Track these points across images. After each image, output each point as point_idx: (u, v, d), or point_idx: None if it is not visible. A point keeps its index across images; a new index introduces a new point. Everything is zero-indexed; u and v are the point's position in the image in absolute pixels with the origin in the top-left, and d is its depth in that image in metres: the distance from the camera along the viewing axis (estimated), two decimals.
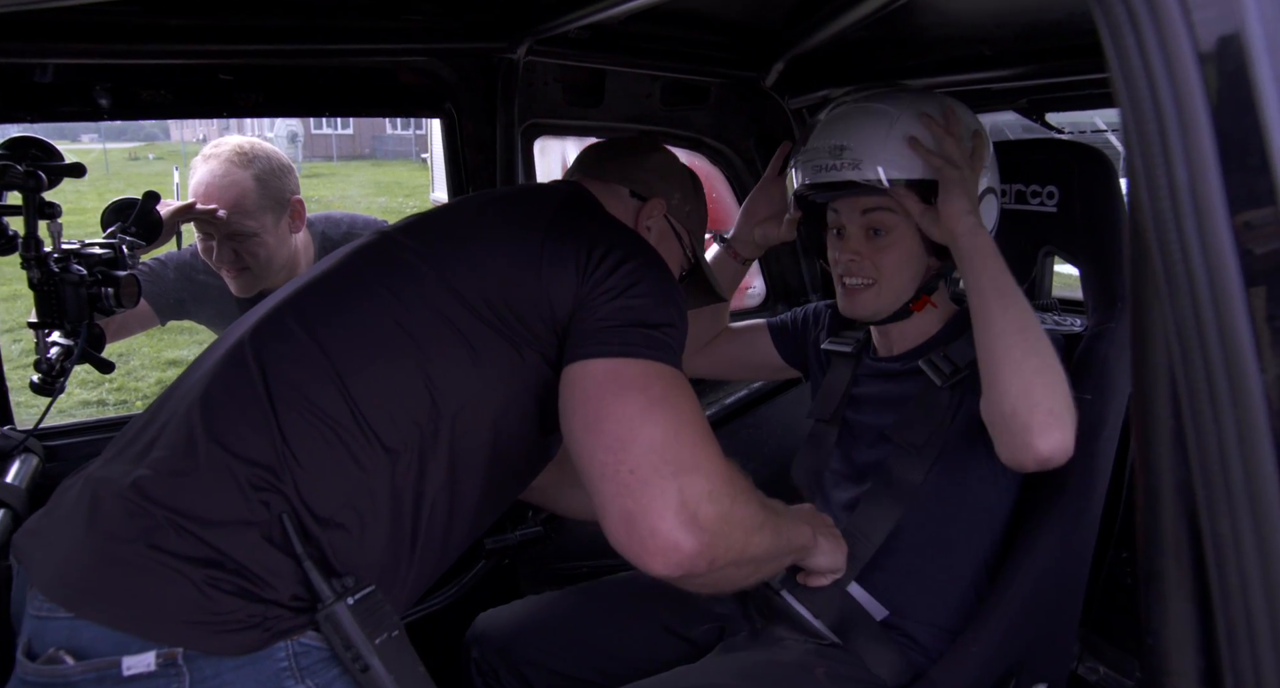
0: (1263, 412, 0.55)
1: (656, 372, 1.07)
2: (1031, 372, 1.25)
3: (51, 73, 1.64)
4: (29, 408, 1.94)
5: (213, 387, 1.08)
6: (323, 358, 1.08)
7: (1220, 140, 0.54)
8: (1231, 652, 0.58)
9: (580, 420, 1.05)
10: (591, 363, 1.07)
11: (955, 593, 1.47)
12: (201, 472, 1.01)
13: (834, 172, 1.43)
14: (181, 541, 0.97)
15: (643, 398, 1.04)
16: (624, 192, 1.40)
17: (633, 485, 1.00)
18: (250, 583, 0.97)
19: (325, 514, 1.02)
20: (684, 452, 1.03)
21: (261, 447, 1.02)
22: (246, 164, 1.93)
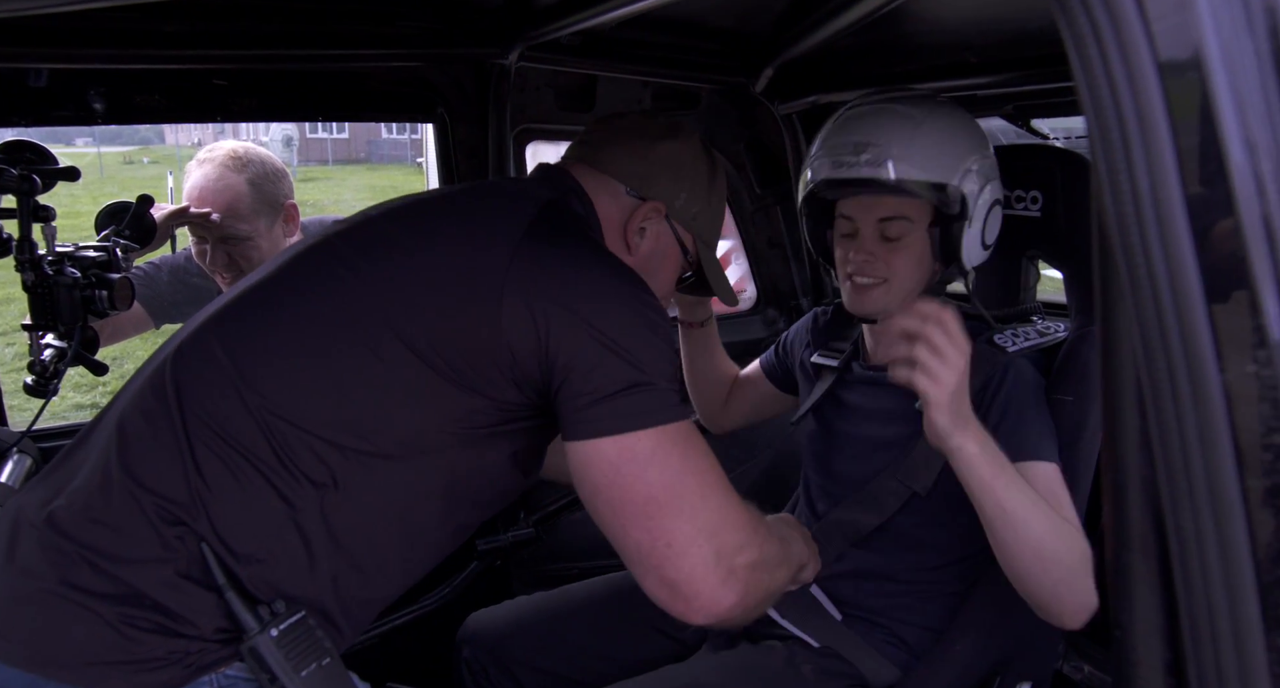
0: (1222, 411, 0.57)
1: (668, 437, 1.03)
2: (1058, 580, 1.22)
3: (46, 77, 1.65)
4: (21, 411, 1.95)
5: (131, 414, 1.05)
6: (242, 387, 1.02)
7: (1180, 149, 0.56)
8: (1194, 642, 0.60)
9: (605, 503, 1.04)
10: (600, 443, 1.02)
11: (941, 593, 1.49)
12: (114, 506, 0.97)
13: (853, 168, 1.39)
14: (96, 578, 0.94)
15: (661, 472, 1.02)
16: (620, 189, 1.28)
17: (671, 558, 1.02)
18: (169, 620, 0.94)
19: (244, 550, 0.98)
20: (713, 514, 1.04)
21: (174, 481, 0.98)
22: (241, 168, 1.94)
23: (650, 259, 1.31)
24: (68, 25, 1.48)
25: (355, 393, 1.03)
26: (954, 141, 1.41)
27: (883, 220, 1.44)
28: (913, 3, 1.41)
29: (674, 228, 1.32)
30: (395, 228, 1.17)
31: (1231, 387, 0.57)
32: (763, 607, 1.16)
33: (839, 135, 1.44)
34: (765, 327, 2.55)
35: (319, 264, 1.14)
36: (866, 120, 1.44)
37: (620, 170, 1.29)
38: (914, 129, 1.39)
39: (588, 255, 1.14)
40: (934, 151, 1.38)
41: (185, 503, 0.97)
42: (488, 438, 1.09)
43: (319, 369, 1.04)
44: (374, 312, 1.05)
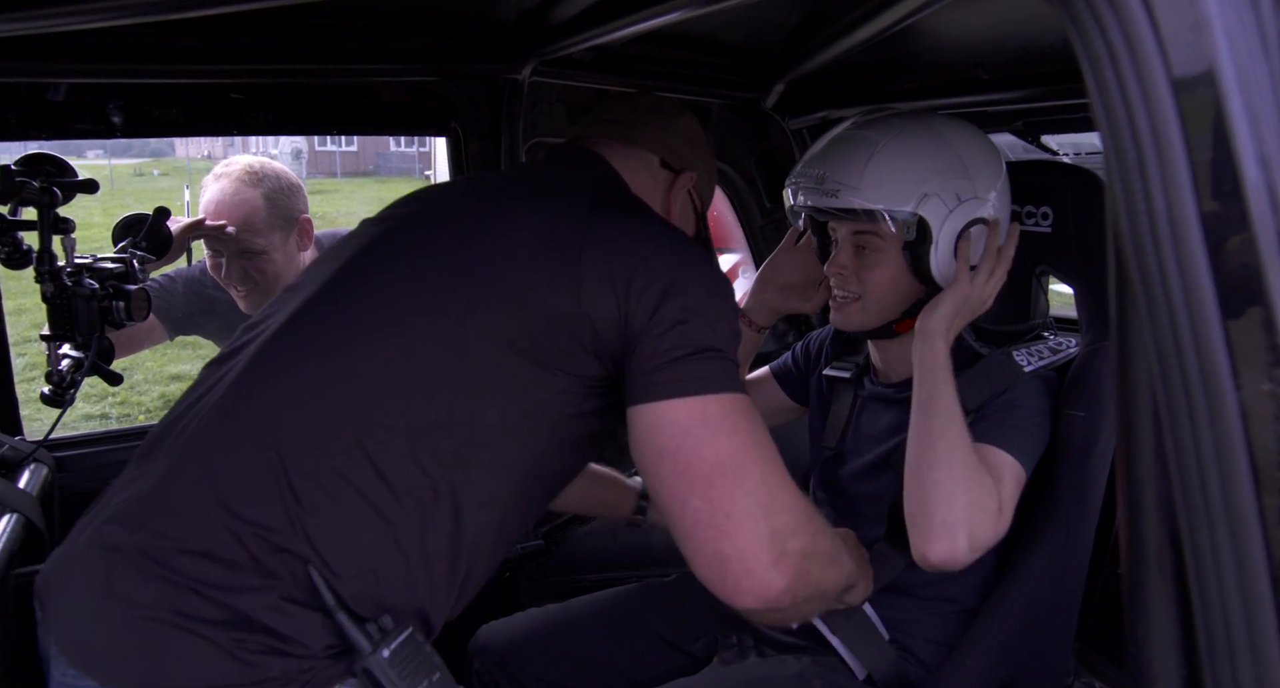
0: (1238, 428, 0.57)
1: (735, 405, 1.03)
2: (932, 483, 1.32)
3: (64, 91, 1.67)
4: (33, 421, 1.97)
5: (216, 441, 1.04)
6: (334, 409, 1.02)
7: (1195, 169, 0.57)
8: (1211, 659, 0.60)
9: (669, 467, 1.01)
10: (670, 405, 1.01)
11: (954, 609, 1.48)
12: (211, 537, 0.97)
13: (814, 197, 1.45)
14: (205, 605, 0.94)
15: (730, 440, 1.01)
16: (654, 161, 1.31)
17: (729, 530, 0.99)
18: (280, 642, 0.95)
19: (345, 570, 0.98)
20: (772, 490, 1.02)
21: (271, 508, 0.97)
22: (256, 183, 1.97)
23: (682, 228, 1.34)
24: (87, 40, 1.50)
25: (446, 392, 1.04)
26: (910, 168, 1.41)
27: (856, 234, 1.49)
28: (924, 20, 1.42)
29: (692, 198, 1.37)
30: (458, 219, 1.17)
31: (1247, 404, 0.57)
32: (810, 606, 1.13)
33: (807, 163, 1.50)
34: (775, 340, 2.56)
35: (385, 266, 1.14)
36: (830, 149, 1.48)
37: (653, 142, 1.32)
38: (868, 157, 1.42)
39: (655, 225, 1.18)
40: (886, 179, 1.40)
41: (284, 529, 0.97)
42: (573, 418, 1.10)
43: (409, 376, 1.04)
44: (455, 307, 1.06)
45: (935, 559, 1.31)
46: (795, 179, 1.51)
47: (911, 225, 1.41)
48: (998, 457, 1.38)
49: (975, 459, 1.34)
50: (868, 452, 1.59)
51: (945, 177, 1.42)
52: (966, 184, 1.43)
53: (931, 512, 1.31)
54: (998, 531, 1.33)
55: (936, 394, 1.37)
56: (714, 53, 2.01)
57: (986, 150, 1.49)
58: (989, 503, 1.32)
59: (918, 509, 1.33)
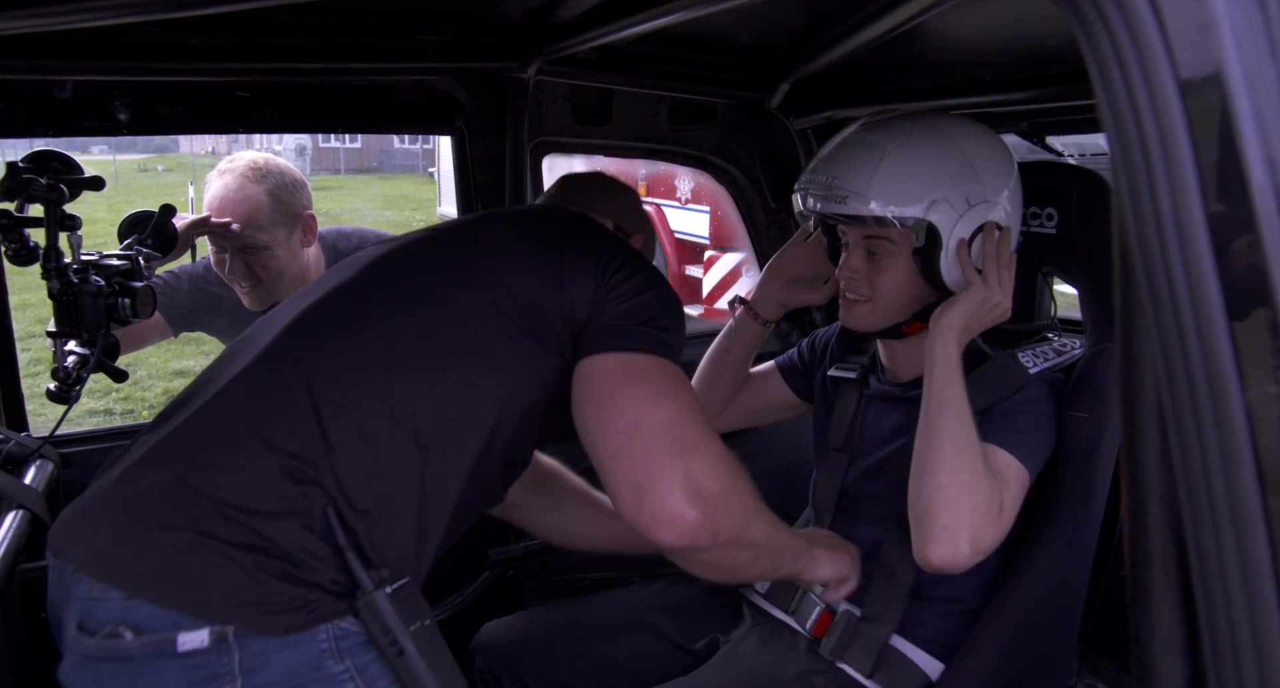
0: (1244, 430, 0.57)
1: (661, 366, 1.18)
2: (937, 485, 1.32)
3: (71, 89, 1.68)
4: (38, 416, 1.97)
5: (250, 387, 1.15)
6: (361, 359, 1.16)
7: (1202, 170, 0.57)
8: (1215, 661, 0.60)
9: (595, 406, 1.16)
10: (606, 357, 1.18)
11: (956, 609, 1.48)
12: (245, 466, 1.07)
13: (824, 203, 1.46)
14: (230, 528, 1.03)
15: (651, 387, 1.16)
16: (610, 225, 1.46)
17: (643, 462, 1.11)
18: (294, 568, 1.03)
19: (362, 505, 1.07)
20: (687, 433, 1.14)
21: (303, 441, 1.08)
22: (260, 179, 1.97)
23: None
24: (93, 38, 1.50)
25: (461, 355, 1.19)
26: (919, 173, 1.41)
27: (867, 239, 1.49)
28: (929, 21, 1.42)
29: None
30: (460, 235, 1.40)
31: (1253, 406, 0.57)
32: (740, 554, 1.21)
33: (816, 169, 1.50)
34: (779, 339, 2.56)
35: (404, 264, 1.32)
36: (838, 154, 1.48)
37: (610, 211, 1.49)
38: (876, 164, 1.42)
39: (620, 241, 1.37)
40: (895, 185, 1.41)
41: (314, 460, 1.07)
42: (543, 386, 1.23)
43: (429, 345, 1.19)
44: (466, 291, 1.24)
45: (936, 562, 1.32)
46: (804, 185, 1.51)
47: (921, 232, 1.42)
48: (1003, 459, 1.38)
49: (981, 462, 1.34)
50: (872, 452, 1.59)
51: (954, 181, 1.42)
52: (976, 188, 1.43)
53: (935, 515, 1.31)
54: (999, 534, 1.34)
55: (949, 395, 1.37)
56: (719, 52, 2.01)
57: (997, 151, 1.49)
58: (991, 508, 1.33)
59: (922, 511, 1.33)
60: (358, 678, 1.06)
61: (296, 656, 1.03)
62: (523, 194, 2.04)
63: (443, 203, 11.57)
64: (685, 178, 8.18)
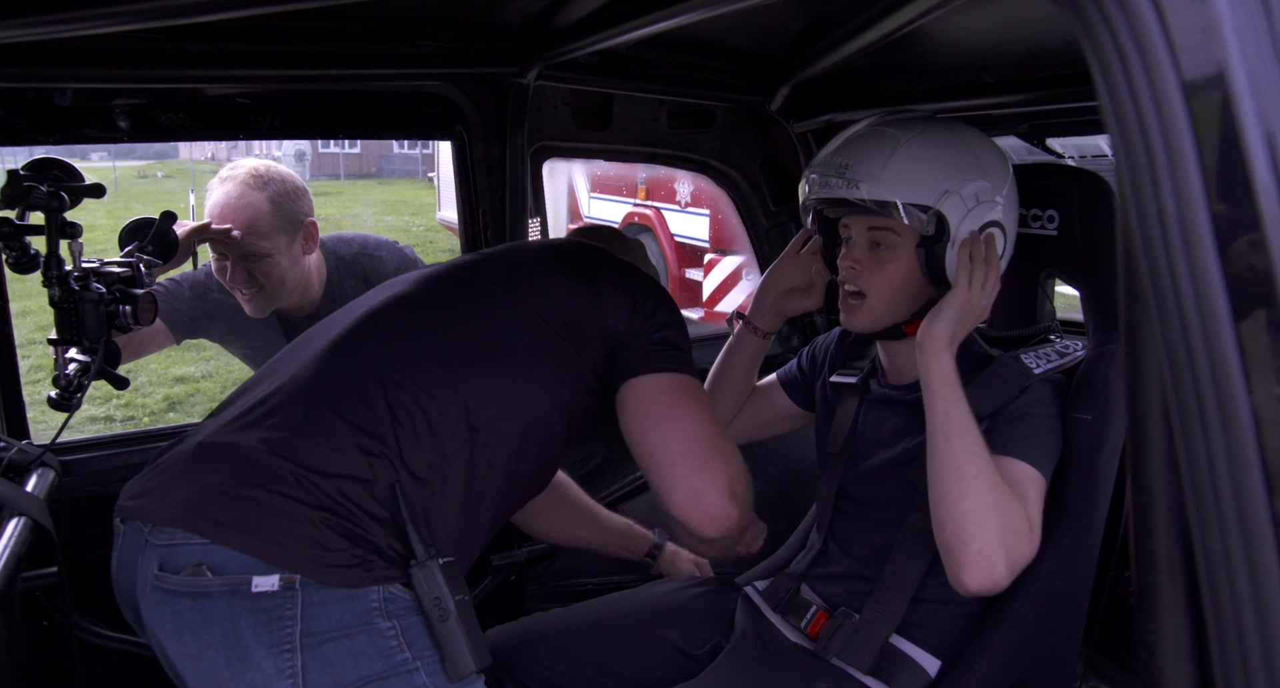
0: (1250, 431, 0.57)
1: (695, 383, 1.40)
2: (964, 511, 1.31)
3: (71, 96, 1.68)
4: (39, 424, 1.97)
5: (323, 372, 1.28)
6: (425, 356, 1.30)
7: (1206, 172, 0.56)
8: (1224, 665, 0.59)
9: (652, 419, 1.35)
10: (654, 377, 1.36)
11: (959, 611, 1.48)
12: (322, 435, 1.20)
13: (835, 189, 1.45)
14: (303, 489, 1.16)
15: (694, 402, 1.38)
16: None
17: (697, 467, 1.32)
18: (357, 527, 1.16)
19: (422, 474, 1.21)
20: (724, 443, 1.37)
21: (374, 417, 1.21)
22: (261, 187, 1.97)
23: None
24: (94, 46, 1.50)
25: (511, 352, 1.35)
26: (932, 165, 1.42)
27: (872, 230, 1.49)
28: (929, 24, 1.42)
29: None
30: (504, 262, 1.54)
31: (1260, 407, 0.57)
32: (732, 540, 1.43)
33: (828, 154, 1.50)
34: (780, 343, 2.56)
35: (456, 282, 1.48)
36: (854, 142, 1.49)
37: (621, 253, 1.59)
38: (891, 151, 1.43)
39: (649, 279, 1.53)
40: (908, 174, 1.41)
41: (382, 435, 1.20)
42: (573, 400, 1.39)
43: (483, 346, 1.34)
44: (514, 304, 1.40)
45: (975, 588, 1.30)
46: (815, 169, 1.51)
47: (930, 221, 1.42)
48: (1019, 470, 1.37)
49: (1001, 480, 1.32)
50: (874, 455, 1.59)
51: (965, 176, 1.43)
52: (986, 186, 1.45)
53: (966, 541, 1.30)
54: (1032, 549, 1.33)
55: (953, 414, 1.35)
56: (719, 56, 2.01)
57: (999, 154, 1.50)
58: (1021, 525, 1.31)
59: (951, 539, 1.31)
60: (401, 637, 1.17)
61: (350, 610, 1.15)
62: (522, 199, 2.04)
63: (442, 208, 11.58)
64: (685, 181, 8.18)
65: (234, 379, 6.96)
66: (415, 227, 16.17)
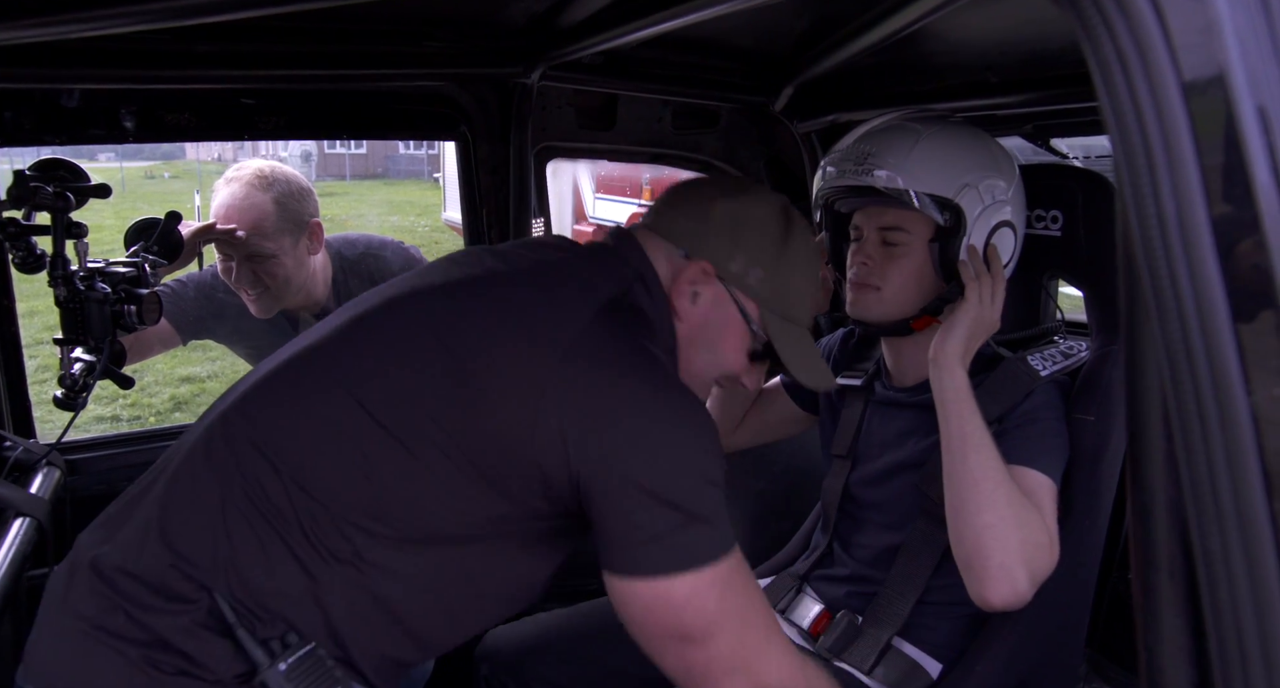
0: (1250, 432, 0.57)
1: (702, 582, 1.00)
2: (983, 525, 1.29)
3: (78, 97, 1.69)
4: (45, 423, 1.98)
5: (179, 476, 1.08)
6: (277, 460, 1.03)
7: (1206, 173, 0.56)
8: (1223, 664, 0.59)
9: (640, 632, 1.05)
10: (634, 583, 1.01)
11: (962, 612, 1.48)
12: (145, 562, 1.02)
13: (854, 176, 1.45)
14: (128, 624, 0.99)
15: (697, 617, 1.00)
16: (674, 251, 1.21)
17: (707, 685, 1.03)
18: (191, 664, 0.99)
19: (263, 615, 1.01)
20: (750, 653, 1.03)
21: (202, 546, 1.01)
22: (267, 187, 1.98)
23: (706, 327, 1.22)
24: (100, 46, 1.51)
25: (386, 481, 1.03)
26: (953, 158, 1.43)
27: (883, 229, 1.48)
28: (933, 24, 1.42)
29: (733, 295, 1.22)
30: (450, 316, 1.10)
31: (1259, 408, 0.57)
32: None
33: (848, 143, 1.50)
34: None
35: (370, 339, 1.12)
36: (875, 133, 1.48)
37: (672, 231, 1.22)
38: (914, 142, 1.43)
39: (632, 375, 1.06)
40: (931, 164, 1.42)
41: (208, 568, 1.01)
42: (521, 535, 1.09)
43: (352, 454, 1.03)
44: (411, 403, 1.04)
45: (999, 603, 1.29)
46: (833, 160, 1.50)
47: (949, 214, 1.42)
48: (1033, 479, 1.36)
49: (1018, 493, 1.32)
50: (879, 457, 1.59)
51: (983, 173, 1.44)
52: (1001, 185, 1.46)
53: (988, 557, 1.29)
54: (1052, 560, 1.33)
55: (969, 430, 1.34)
56: (723, 56, 2.01)
57: (1009, 157, 1.51)
58: (1041, 537, 1.31)
59: (972, 555, 1.31)
60: None
61: None
62: (526, 199, 2.04)
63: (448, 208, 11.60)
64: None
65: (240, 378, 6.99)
66: (421, 227, 16.19)
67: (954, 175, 1.42)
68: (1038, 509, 1.33)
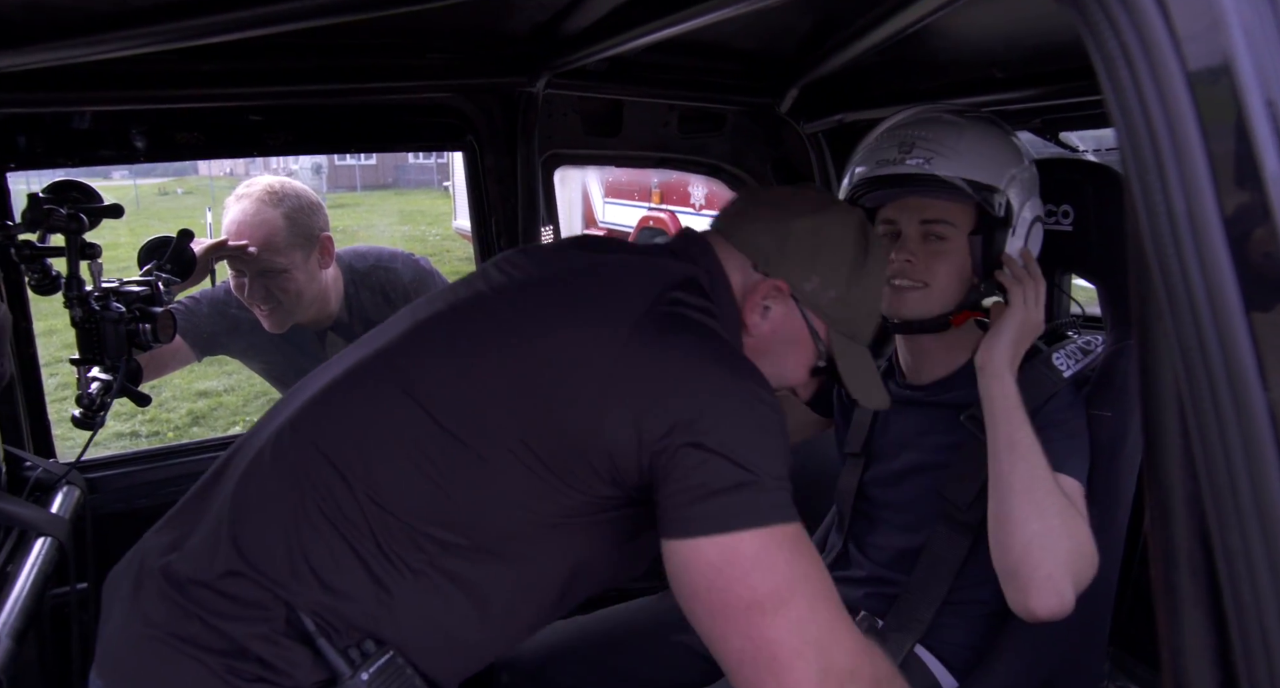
0: (1267, 426, 0.56)
1: (772, 541, 0.96)
2: (1032, 535, 1.27)
3: (89, 119, 1.70)
4: (65, 441, 2.00)
5: (247, 486, 1.08)
6: (349, 474, 1.04)
7: (1214, 165, 0.56)
8: (1247, 662, 0.59)
9: (704, 608, 0.98)
10: (699, 543, 0.96)
11: (983, 612, 1.47)
12: (219, 572, 1.02)
13: (898, 165, 1.40)
14: (204, 632, 0.99)
15: (766, 579, 0.95)
16: (747, 263, 1.20)
17: (775, 669, 0.94)
18: (270, 672, 0.99)
19: (339, 626, 1.01)
20: (822, 628, 0.97)
21: (278, 561, 1.01)
22: (277, 203, 1.99)
23: (773, 342, 1.22)
24: (109, 69, 1.52)
25: (457, 490, 1.03)
26: (998, 147, 1.42)
27: (925, 223, 1.44)
28: (938, 21, 1.42)
29: (804, 312, 1.22)
30: (511, 312, 1.12)
31: (1276, 402, 0.56)
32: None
33: (886, 136, 1.45)
34: None
35: (433, 349, 1.12)
36: (913, 124, 1.45)
37: (749, 243, 1.21)
38: (960, 132, 1.41)
39: (697, 350, 1.06)
40: (981, 154, 1.39)
41: (286, 583, 1.01)
42: (588, 527, 1.07)
43: (423, 463, 1.03)
44: (477, 406, 1.04)
45: (1044, 614, 1.27)
46: (872, 152, 1.45)
47: (1001, 204, 1.39)
48: (1067, 485, 1.34)
49: (1067, 502, 1.30)
50: (896, 457, 1.58)
51: (1023, 165, 1.44)
52: (1032, 179, 1.45)
53: (1036, 566, 1.26)
54: (1094, 568, 1.30)
55: (1018, 437, 1.32)
56: (727, 59, 2.01)
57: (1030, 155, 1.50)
58: (1087, 547, 1.29)
59: (1018, 564, 1.28)
60: None
61: None
62: (535, 207, 2.05)
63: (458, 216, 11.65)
64: (699, 185, 8.17)
65: (256, 392, 7.03)
66: (432, 236, 16.25)
67: (1002, 165, 1.40)
68: (1081, 516, 1.31)
